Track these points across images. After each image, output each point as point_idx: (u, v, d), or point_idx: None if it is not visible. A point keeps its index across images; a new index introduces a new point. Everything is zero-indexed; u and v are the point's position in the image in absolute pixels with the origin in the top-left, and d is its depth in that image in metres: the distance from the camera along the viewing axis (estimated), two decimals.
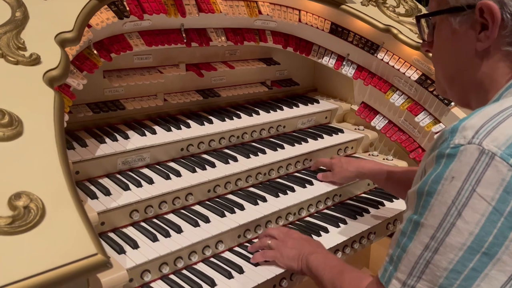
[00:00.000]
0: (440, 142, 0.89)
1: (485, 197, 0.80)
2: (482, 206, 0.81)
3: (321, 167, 1.90)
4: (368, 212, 1.81)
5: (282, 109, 2.11)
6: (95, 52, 1.51)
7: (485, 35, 0.97)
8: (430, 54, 1.18)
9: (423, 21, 1.13)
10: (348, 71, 2.16)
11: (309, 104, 2.23)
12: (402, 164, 2.08)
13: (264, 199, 1.67)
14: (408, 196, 0.95)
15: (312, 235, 1.61)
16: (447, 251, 0.83)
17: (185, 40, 1.79)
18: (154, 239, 1.39)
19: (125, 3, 1.55)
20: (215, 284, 1.33)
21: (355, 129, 2.21)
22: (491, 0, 0.93)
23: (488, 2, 0.93)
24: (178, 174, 1.61)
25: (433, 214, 0.85)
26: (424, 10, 2.26)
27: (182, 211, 1.57)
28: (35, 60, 1.11)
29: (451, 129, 0.87)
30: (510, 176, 0.79)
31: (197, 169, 1.65)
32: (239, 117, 1.96)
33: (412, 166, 2.10)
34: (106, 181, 1.52)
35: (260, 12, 1.91)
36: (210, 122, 1.86)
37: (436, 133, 1.98)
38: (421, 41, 1.79)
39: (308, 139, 2.02)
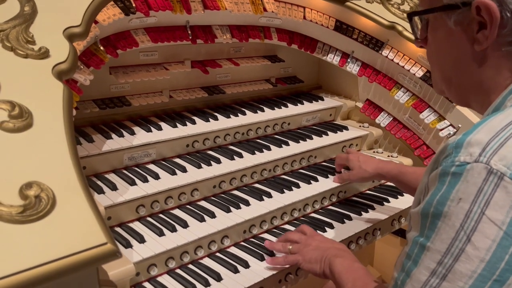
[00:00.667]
0: (443, 157, 0.83)
1: (495, 221, 0.76)
2: (493, 230, 0.76)
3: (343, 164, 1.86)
4: (373, 208, 1.81)
5: (286, 106, 2.12)
6: (101, 48, 1.52)
7: (483, 35, 0.90)
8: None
9: (416, 18, 1.07)
10: (352, 68, 2.16)
11: (313, 101, 2.23)
12: (407, 161, 2.08)
13: (269, 195, 1.67)
14: (410, 216, 0.91)
15: (318, 231, 1.61)
16: (456, 278, 0.78)
17: (190, 37, 1.79)
18: (161, 233, 1.39)
19: None
20: (221, 279, 1.34)
21: (360, 126, 2.22)
22: None
23: (485, 0, 0.87)
24: (184, 170, 1.61)
25: (440, 238, 0.80)
26: None
27: (188, 206, 1.57)
28: (44, 54, 1.12)
29: (455, 144, 0.81)
30: None
31: (202, 165, 1.66)
32: (244, 114, 1.96)
33: (417, 163, 2.10)
34: (112, 177, 1.53)
35: (265, 9, 1.91)
36: (215, 118, 1.87)
37: (441, 130, 1.98)
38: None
39: (313, 136, 2.03)
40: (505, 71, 0.93)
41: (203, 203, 1.60)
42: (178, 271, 1.38)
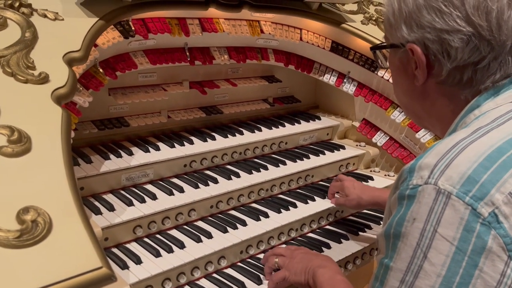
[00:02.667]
0: (400, 182, 0.90)
1: (447, 237, 0.81)
2: (445, 246, 0.81)
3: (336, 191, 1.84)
4: (370, 228, 1.81)
5: (284, 126, 2.14)
6: (101, 70, 1.55)
7: (418, 73, 1.02)
8: None
9: (377, 51, 1.20)
10: (349, 88, 2.19)
11: (310, 120, 2.26)
12: None
13: (266, 215, 1.68)
14: (377, 239, 0.95)
15: (314, 251, 1.61)
16: None
17: (188, 59, 1.83)
18: (157, 254, 1.40)
19: (130, 23, 1.60)
20: None
21: (357, 145, 2.24)
22: (416, 43, 0.99)
23: (412, 46, 0.99)
24: (181, 190, 1.62)
25: (401, 257, 0.85)
26: None
27: (185, 226, 1.58)
28: (43, 79, 1.15)
29: (409, 169, 0.88)
30: (467, 214, 0.79)
31: (200, 185, 1.67)
32: (241, 133, 1.98)
33: None
34: (110, 197, 1.54)
35: (262, 31, 1.95)
36: (213, 138, 1.89)
37: None
38: None
39: (310, 155, 2.05)
40: (445, 107, 1.03)
41: (200, 223, 1.61)
42: None
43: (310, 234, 1.75)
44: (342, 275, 1.29)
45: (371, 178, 2.07)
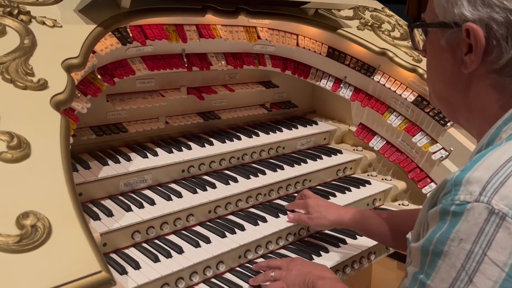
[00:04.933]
0: (442, 194, 0.83)
1: (497, 262, 0.75)
2: (495, 272, 0.75)
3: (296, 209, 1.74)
4: None
5: (281, 131, 2.15)
6: (99, 76, 1.56)
7: (469, 59, 0.91)
8: None
9: (415, 29, 1.08)
10: (345, 93, 2.21)
11: (308, 125, 2.27)
12: (401, 184, 2.10)
13: (264, 220, 1.69)
14: (411, 250, 0.89)
15: (312, 255, 1.62)
16: None
17: (186, 65, 1.84)
18: (156, 259, 1.40)
19: (128, 29, 1.61)
20: None
21: (354, 150, 2.25)
22: (477, 23, 0.88)
23: (473, 26, 0.88)
24: (179, 195, 1.63)
25: (441, 278, 0.79)
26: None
27: (183, 231, 1.58)
28: (42, 85, 1.16)
29: (454, 182, 0.80)
30: None
31: (198, 190, 1.68)
32: (239, 138, 1.99)
33: (410, 186, 2.12)
34: (108, 203, 1.55)
35: (259, 37, 1.97)
36: (211, 144, 1.90)
37: (434, 153, 2.02)
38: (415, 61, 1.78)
39: (308, 160, 2.06)
40: (493, 101, 0.93)
41: (198, 229, 1.61)
42: None
43: (308, 239, 1.76)
44: (342, 283, 1.27)
45: (369, 183, 2.08)
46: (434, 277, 0.80)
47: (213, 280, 1.47)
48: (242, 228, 1.62)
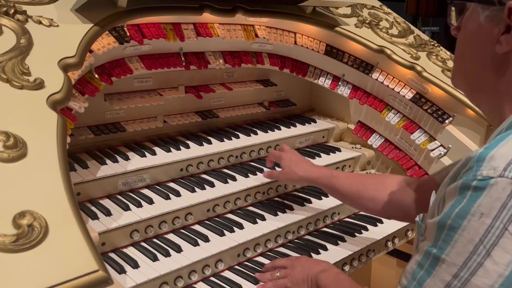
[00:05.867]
0: (464, 170, 0.83)
1: None
2: None
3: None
4: (366, 229, 1.82)
5: (279, 129, 2.15)
6: (96, 76, 1.56)
7: (506, 39, 0.90)
8: None
9: (455, 3, 1.05)
10: (343, 91, 2.20)
11: (306, 123, 2.27)
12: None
13: (263, 218, 1.69)
14: (426, 225, 0.90)
15: (311, 253, 1.62)
16: None
17: (184, 64, 1.84)
18: (154, 258, 1.40)
19: (125, 28, 1.61)
20: None
21: (352, 147, 2.25)
22: None
23: None
24: (177, 194, 1.63)
25: (457, 251, 0.80)
26: (417, 31, 2.32)
27: (182, 230, 1.58)
28: (39, 85, 1.16)
29: (477, 158, 0.80)
30: None
31: (196, 189, 1.68)
32: (237, 137, 1.99)
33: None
34: (106, 202, 1.55)
35: (256, 36, 1.96)
36: (209, 142, 1.90)
37: (432, 150, 2.01)
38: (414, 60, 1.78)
39: (306, 158, 2.05)
40: None
41: (197, 227, 1.61)
42: None
43: (307, 237, 1.76)
44: (344, 275, 1.29)
45: None
46: (449, 251, 0.81)
47: (212, 278, 1.47)
48: (240, 227, 1.62)
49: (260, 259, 1.60)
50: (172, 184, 1.71)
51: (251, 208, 1.77)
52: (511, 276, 0.76)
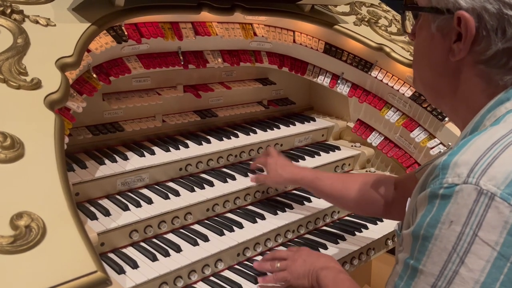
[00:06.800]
0: (431, 179, 0.83)
1: (488, 242, 0.75)
2: (486, 251, 0.75)
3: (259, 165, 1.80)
4: (366, 228, 1.82)
5: (279, 128, 2.14)
6: (94, 75, 1.55)
7: (458, 47, 0.91)
8: None
9: (407, 12, 1.08)
10: (343, 89, 2.20)
11: (305, 122, 2.26)
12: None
13: (262, 217, 1.68)
14: (402, 237, 0.90)
15: None
16: None
17: (182, 63, 1.83)
18: (154, 258, 1.40)
19: (123, 28, 1.60)
20: None
21: (352, 146, 2.24)
22: (469, 13, 0.87)
23: (465, 14, 0.88)
24: (177, 193, 1.62)
25: (433, 261, 0.80)
26: None
27: (181, 230, 1.58)
28: (36, 85, 1.15)
29: (442, 165, 0.81)
30: None
31: (195, 188, 1.67)
32: (236, 136, 1.98)
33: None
34: (105, 202, 1.54)
35: (255, 34, 1.95)
36: (208, 141, 1.89)
37: (432, 148, 2.01)
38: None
39: (305, 157, 2.05)
40: (478, 90, 0.93)
41: (196, 227, 1.61)
42: None
43: (307, 235, 1.76)
44: (345, 274, 1.28)
45: None
46: (425, 261, 0.81)
47: (211, 278, 1.47)
48: (240, 226, 1.61)
49: (260, 258, 1.59)
50: (171, 184, 1.71)
51: (250, 207, 1.77)
52: (487, 282, 0.76)
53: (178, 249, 1.45)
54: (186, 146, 1.83)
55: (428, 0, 0.96)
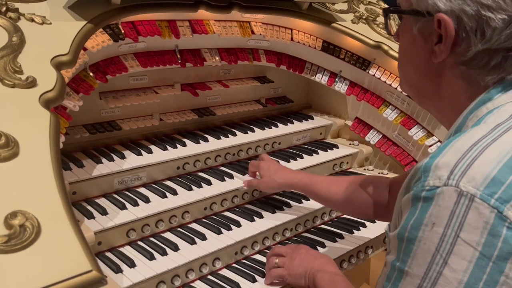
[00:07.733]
0: (413, 181, 0.85)
1: (470, 243, 0.77)
2: (468, 252, 0.77)
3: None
4: (365, 226, 1.81)
5: (277, 126, 2.14)
6: (91, 74, 1.54)
7: (439, 49, 0.93)
8: None
9: (390, 14, 1.09)
10: (341, 87, 2.19)
11: (303, 120, 2.26)
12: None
13: (260, 216, 1.68)
14: (390, 238, 0.92)
15: None
16: None
17: (179, 61, 1.82)
18: (151, 257, 1.39)
19: (120, 26, 1.59)
20: None
21: (350, 144, 2.24)
22: (448, 15, 0.89)
23: (444, 17, 0.89)
24: (174, 192, 1.62)
25: (417, 263, 0.82)
26: None
27: (179, 229, 1.57)
28: (31, 83, 1.14)
29: (423, 168, 0.82)
30: (493, 218, 0.76)
31: (193, 187, 1.67)
32: (234, 134, 1.98)
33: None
34: (103, 201, 1.54)
35: (253, 32, 1.95)
36: (206, 140, 1.89)
37: (430, 146, 2.00)
38: None
39: (304, 155, 2.04)
40: (461, 91, 0.95)
41: (194, 226, 1.60)
42: None
43: (305, 234, 1.75)
44: (341, 275, 1.28)
45: None
46: (410, 263, 0.83)
47: (209, 277, 1.46)
48: (238, 225, 1.61)
49: (258, 257, 1.59)
50: (168, 183, 1.70)
51: (248, 206, 1.76)
52: (470, 282, 0.77)
53: (175, 247, 1.44)
54: (184, 144, 1.82)
55: (410, 3, 0.97)
